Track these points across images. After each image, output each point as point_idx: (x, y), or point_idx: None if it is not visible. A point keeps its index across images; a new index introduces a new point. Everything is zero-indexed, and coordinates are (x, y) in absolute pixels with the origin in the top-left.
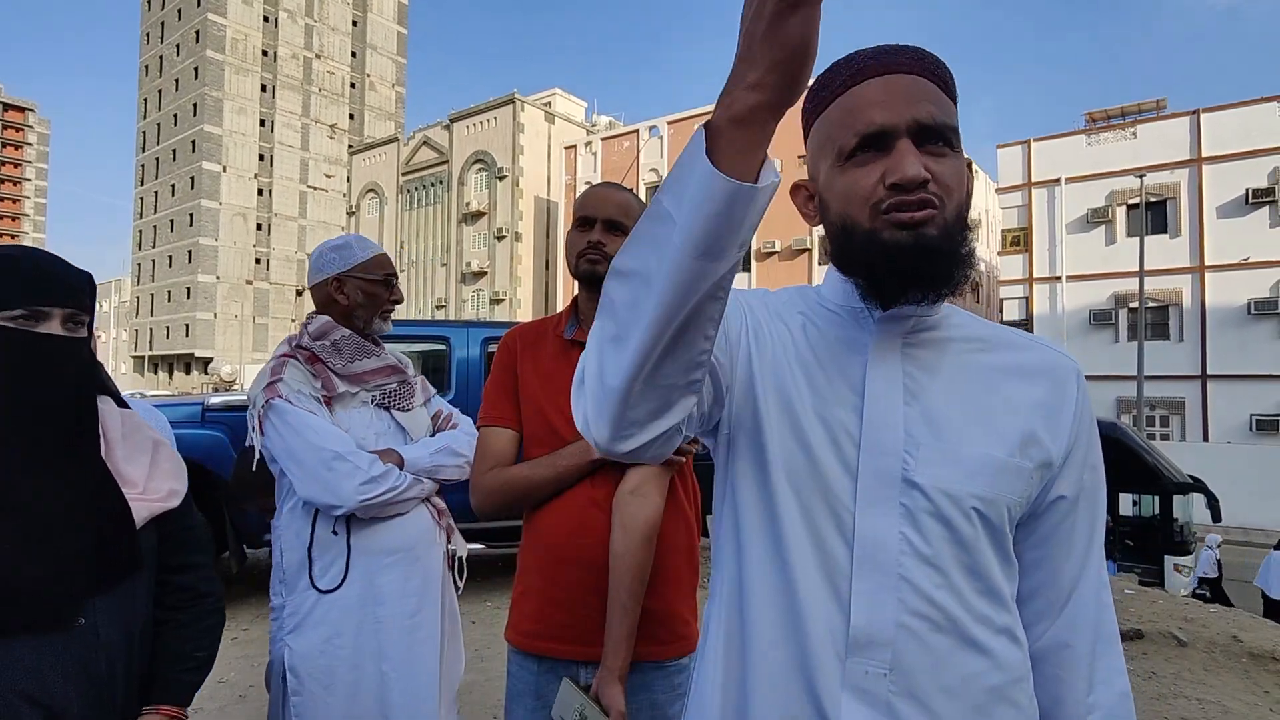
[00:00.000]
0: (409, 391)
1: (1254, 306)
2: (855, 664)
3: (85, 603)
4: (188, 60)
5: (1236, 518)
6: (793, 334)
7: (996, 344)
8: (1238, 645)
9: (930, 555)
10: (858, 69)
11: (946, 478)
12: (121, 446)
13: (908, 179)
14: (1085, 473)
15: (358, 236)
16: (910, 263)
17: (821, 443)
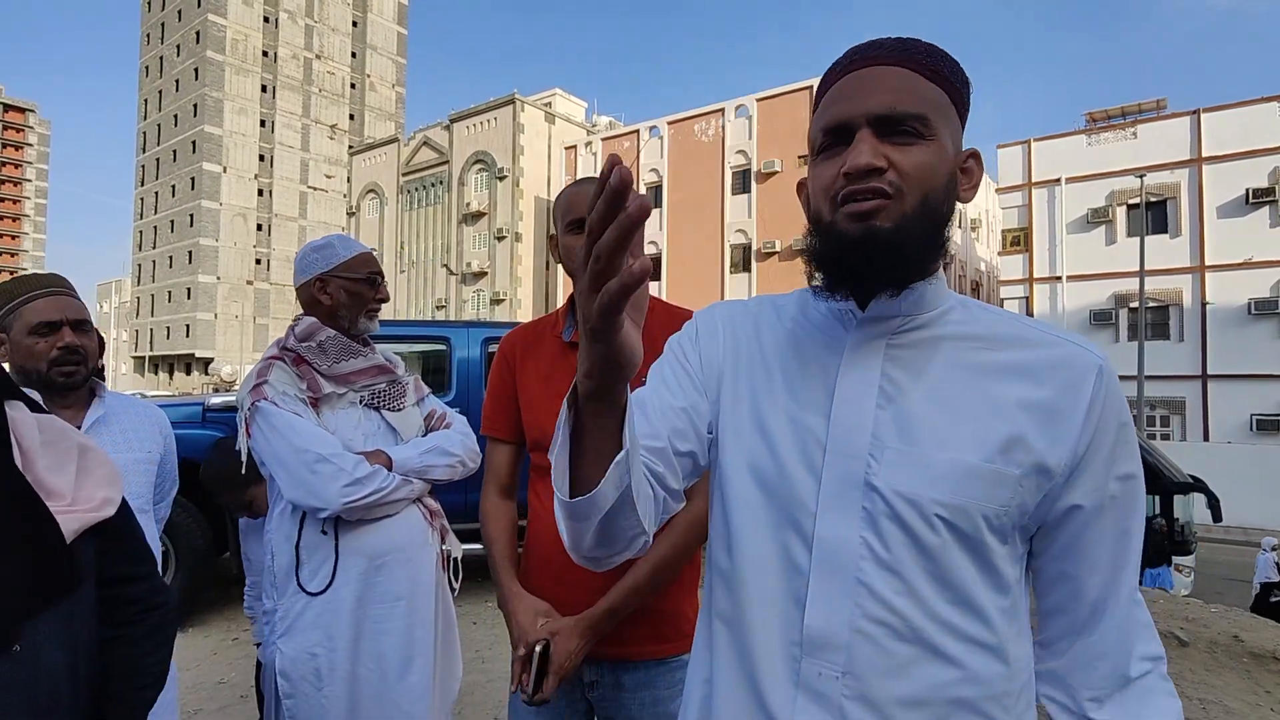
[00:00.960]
0: (399, 391)
1: (1254, 306)
2: (809, 665)
3: (19, 627)
4: (188, 61)
5: (1237, 518)
6: (779, 339)
7: (1002, 342)
8: (1239, 645)
9: (890, 561)
10: (841, 65)
11: (908, 482)
12: (42, 456)
13: (854, 168)
14: (1110, 481)
15: (341, 236)
16: (854, 254)
17: (789, 445)
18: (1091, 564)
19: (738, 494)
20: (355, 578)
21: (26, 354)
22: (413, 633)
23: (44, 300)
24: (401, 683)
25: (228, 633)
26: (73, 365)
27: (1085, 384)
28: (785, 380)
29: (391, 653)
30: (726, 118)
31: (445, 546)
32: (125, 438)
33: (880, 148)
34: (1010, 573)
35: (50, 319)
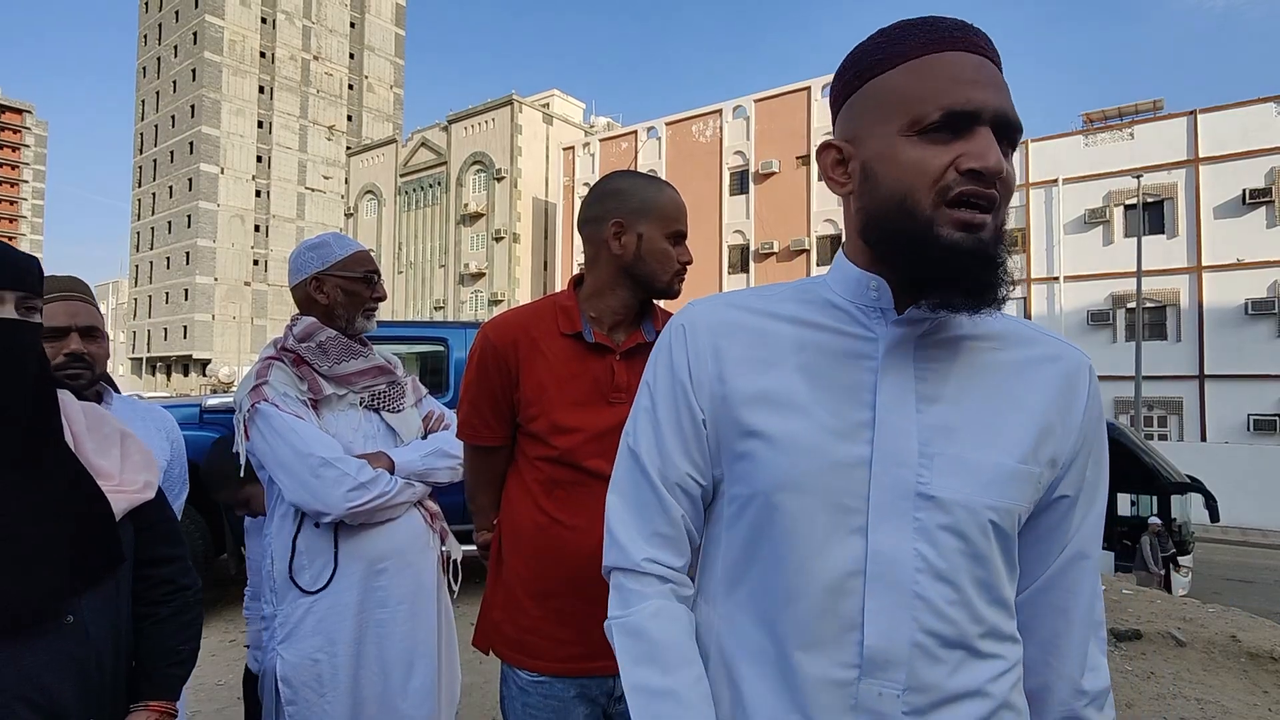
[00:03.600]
0: (399, 392)
1: (1251, 306)
2: (869, 686)
3: (72, 600)
4: (185, 62)
5: (1234, 518)
6: (787, 344)
7: (1011, 341)
8: (1236, 645)
9: (945, 570)
10: (942, 36)
11: (963, 489)
12: (90, 439)
13: (990, 168)
14: (1090, 469)
15: (335, 234)
16: (964, 267)
17: (825, 460)
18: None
19: (765, 522)
20: (357, 582)
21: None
22: (415, 636)
23: (56, 305)
24: (405, 687)
25: (225, 634)
26: (77, 371)
27: (1082, 382)
28: (814, 392)
29: (394, 657)
30: (724, 118)
31: (445, 549)
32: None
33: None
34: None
35: (58, 324)
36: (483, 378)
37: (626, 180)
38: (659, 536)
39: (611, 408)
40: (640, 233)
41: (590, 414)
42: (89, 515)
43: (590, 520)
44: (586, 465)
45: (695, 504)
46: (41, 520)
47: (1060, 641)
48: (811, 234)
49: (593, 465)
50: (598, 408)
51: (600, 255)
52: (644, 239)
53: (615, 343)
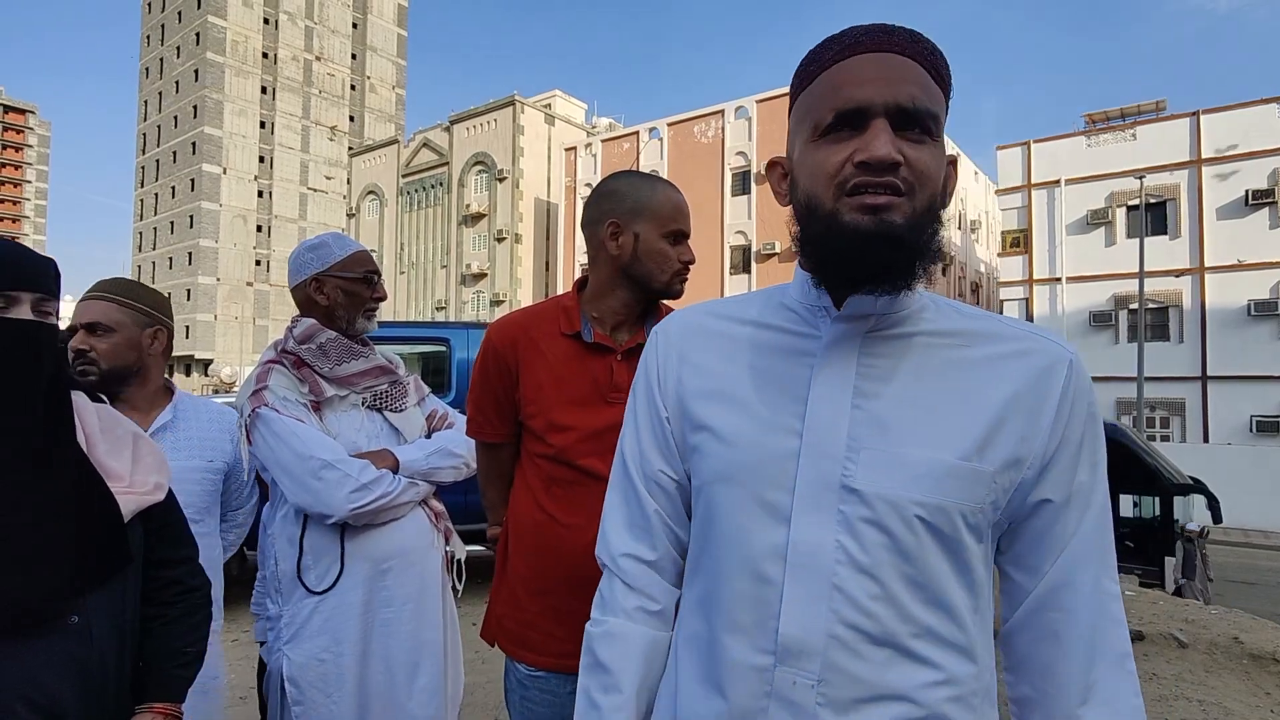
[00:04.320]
0: (401, 392)
1: (1254, 307)
2: (783, 674)
3: (76, 600)
4: (188, 62)
5: (1237, 519)
6: (741, 346)
7: (976, 337)
8: (1238, 647)
9: (867, 564)
10: (848, 44)
11: (887, 483)
12: (103, 440)
13: (877, 158)
14: (1080, 472)
15: (336, 234)
16: (867, 249)
17: (761, 452)
18: (1059, 557)
19: (708, 512)
20: (362, 581)
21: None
22: (420, 635)
23: (78, 304)
24: (410, 686)
25: (227, 633)
26: (82, 366)
27: (1057, 377)
28: (757, 388)
29: (400, 656)
30: (726, 119)
31: (450, 548)
32: (188, 444)
33: (896, 141)
34: (981, 571)
35: (70, 324)
36: (485, 377)
37: (624, 181)
38: (636, 529)
39: (610, 407)
40: (636, 233)
41: (587, 413)
42: (96, 516)
43: (588, 519)
44: (581, 464)
45: (672, 499)
46: (48, 520)
47: (1054, 671)
48: None
49: (586, 464)
50: (595, 407)
51: (599, 256)
52: (640, 239)
53: (617, 343)
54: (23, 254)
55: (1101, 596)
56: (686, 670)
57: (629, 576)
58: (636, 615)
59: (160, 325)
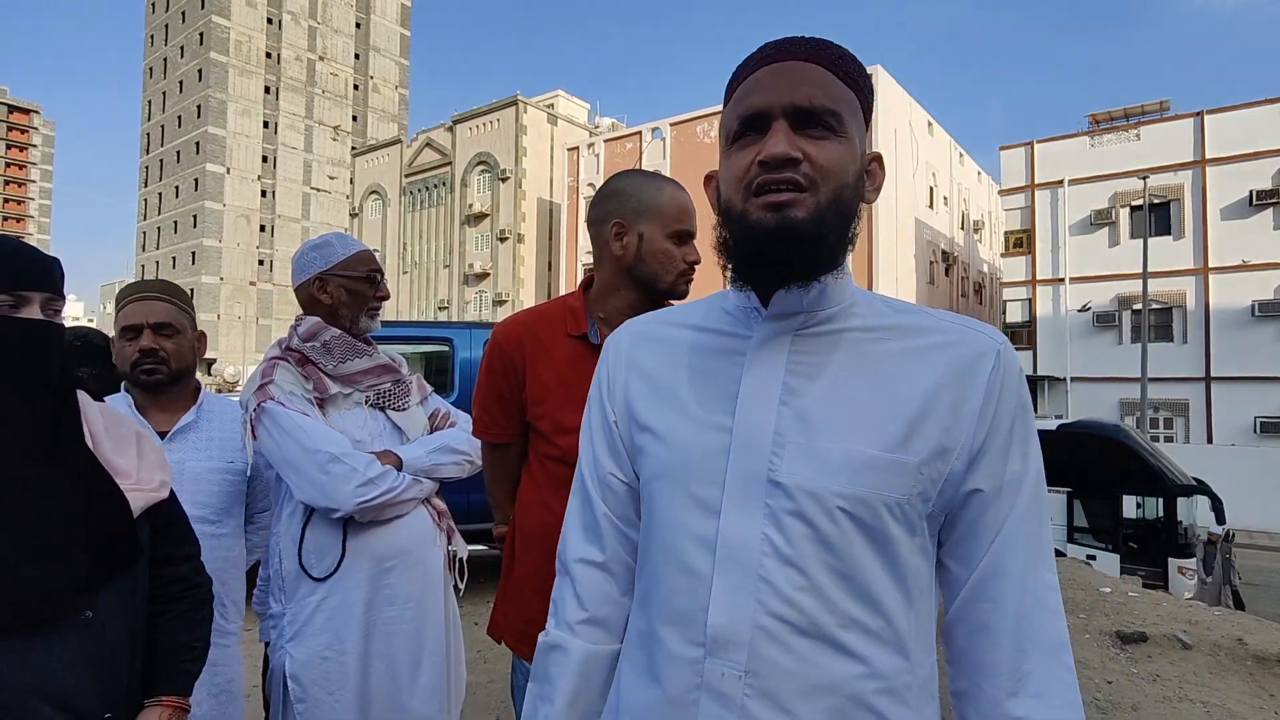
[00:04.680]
0: (404, 391)
1: (1258, 308)
2: (713, 665)
3: (91, 596)
4: (191, 62)
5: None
6: (681, 350)
7: (904, 331)
8: (1243, 648)
9: (792, 556)
10: (756, 59)
11: (810, 476)
12: (108, 439)
13: (773, 155)
14: (1011, 462)
15: (339, 234)
16: (770, 245)
17: (696, 450)
18: (990, 547)
19: (649, 509)
20: (365, 580)
21: (119, 355)
22: (422, 634)
23: (134, 304)
24: (412, 684)
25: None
26: (151, 365)
27: (983, 368)
28: (693, 389)
29: (402, 654)
30: None
31: (452, 547)
32: (209, 445)
33: (796, 140)
34: (915, 564)
35: (133, 323)
36: (491, 376)
37: (628, 180)
38: (588, 530)
39: None
40: (641, 233)
41: None
42: (108, 512)
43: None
44: None
45: (623, 501)
46: (62, 516)
47: (984, 662)
48: None
49: None
50: None
51: (604, 256)
52: (645, 239)
53: None
54: (32, 254)
55: (1034, 586)
56: (629, 661)
57: (580, 584)
58: (580, 629)
59: (199, 329)
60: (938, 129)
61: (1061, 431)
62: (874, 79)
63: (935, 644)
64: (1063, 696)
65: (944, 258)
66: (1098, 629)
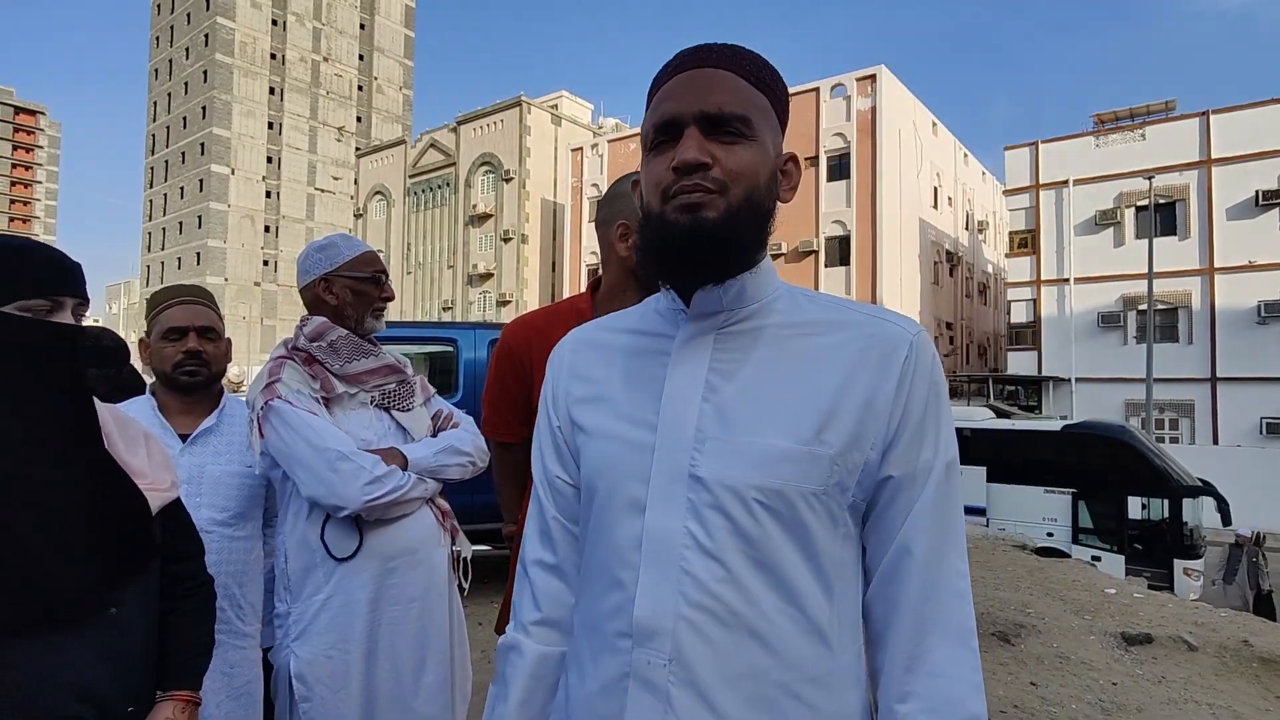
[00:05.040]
0: (408, 391)
1: (1264, 309)
2: (640, 654)
3: (115, 592)
4: (197, 64)
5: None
6: (615, 354)
7: (822, 326)
8: (1249, 650)
9: (712, 549)
10: (669, 68)
11: (727, 470)
12: (120, 439)
13: (682, 162)
14: (924, 450)
15: (343, 235)
16: (683, 244)
17: (625, 449)
18: (899, 530)
19: (586, 507)
20: (369, 579)
21: (158, 357)
22: (427, 634)
23: (178, 308)
24: (417, 684)
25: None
26: (195, 367)
27: (896, 358)
28: (625, 389)
29: (406, 654)
30: None
31: (456, 547)
32: (229, 449)
33: (706, 145)
34: (835, 554)
35: (179, 325)
36: (500, 377)
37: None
38: (542, 534)
39: None
40: None
41: None
42: (129, 511)
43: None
44: None
45: (570, 503)
46: (86, 515)
47: (887, 640)
48: (820, 235)
49: None
50: None
51: (610, 257)
52: None
53: None
54: (65, 260)
55: (940, 569)
56: (571, 655)
57: (535, 586)
58: (534, 630)
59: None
60: (942, 129)
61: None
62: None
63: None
64: (962, 678)
65: (948, 258)
66: (1103, 630)
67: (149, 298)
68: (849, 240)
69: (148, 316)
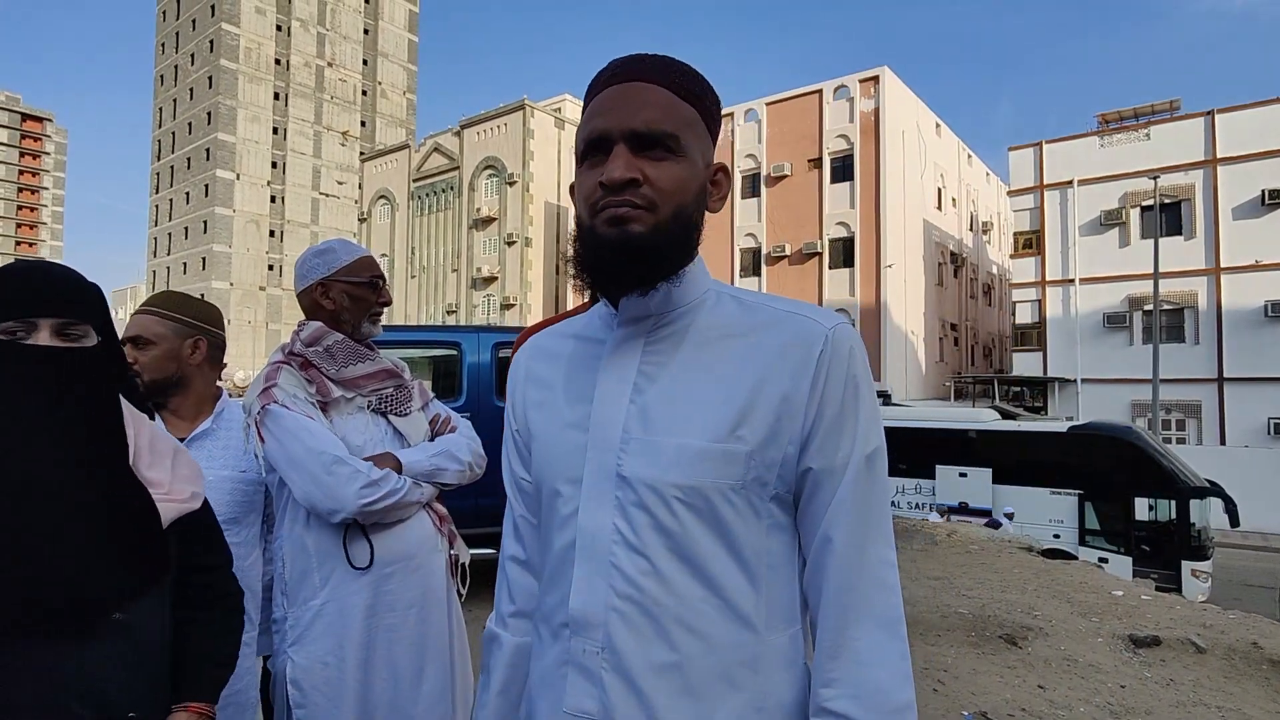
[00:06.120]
0: (405, 396)
1: (1271, 308)
2: (576, 643)
3: (123, 601)
4: (202, 69)
5: (1255, 522)
6: (562, 359)
7: (743, 325)
8: (1258, 652)
9: (637, 544)
10: (602, 79)
11: (648, 469)
12: (147, 453)
13: (611, 180)
14: (843, 440)
15: (341, 240)
16: (612, 258)
17: (564, 450)
18: (821, 522)
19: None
20: (365, 585)
21: None
22: (425, 640)
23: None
24: (416, 692)
25: None
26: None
27: (811, 352)
28: (565, 393)
29: (404, 661)
30: (736, 121)
31: (454, 552)
32: (223, 453)
33: (635, 162)
34: (757, 544)
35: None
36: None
37: None
38: (514, 531)
39: None
40: None
41: None
42: (139, 519)
43: None
44: None
45: (533, 501)
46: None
47: (816, 623)
48: (824, 237)
49: None
50: None
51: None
52: None
53: None
54: (44, 279)
55: (861, 559)
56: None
57: (510, 580)
58: (510, 622)
59: (201, 335)
60: (945, 130)
61: (1072, 433)
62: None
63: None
64: (888, 666)
65: (952, 259)
66: (1110, 632)
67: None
68: (853, 242)
69: None
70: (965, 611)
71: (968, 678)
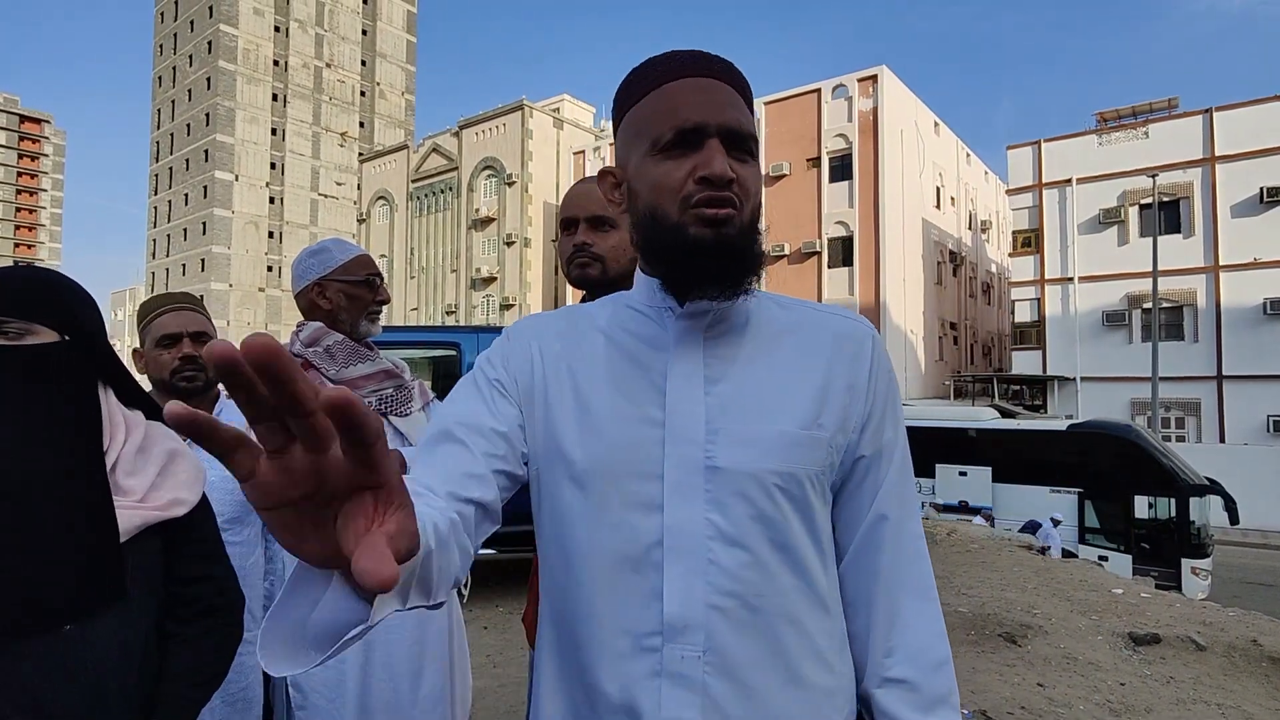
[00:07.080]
0: (406, 396)
1: (1270, 306)
2: (671, 651)
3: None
4: (200, 71)
5: (1255, 520)
6: (598, 345)
7: (794, 324)
8: (1257, 649)
9: (736, 536)
10: (677, 66)
11: (746, 458)
12: (131, 459)
13: (716, 175)
14: (886, 430)
15: (336, 240)
16: (710, 259)
17: (627, 443)
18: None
19: (572, 502)
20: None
21: (155, 364)
22: (424, 642)
23: (169, 315)
24: (414, 694)
25: None
26: (192, 372)
27: (866, 351)
28: (612, 381)
29: (402, 664)
30: None
31: None
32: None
33: (728, 159)
34: (826, 527)
35: (172, 332)
36: None
37: None
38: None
39: None
40: None
41: None
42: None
43: None
44: None
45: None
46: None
47: (872, 603)
48: (823, 236)
49: None
50: None
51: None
52: None
53: None
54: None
55: (906, 535)
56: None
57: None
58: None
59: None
60: (944, 129)
61: (1072, 432)
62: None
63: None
64: (929, 628)
65: (951, 258)
66: (1110, 630)
67: (139, 306)
68: (852, 241)
69: (139, 326)
70: (965, 610)
71: (967, 676)
